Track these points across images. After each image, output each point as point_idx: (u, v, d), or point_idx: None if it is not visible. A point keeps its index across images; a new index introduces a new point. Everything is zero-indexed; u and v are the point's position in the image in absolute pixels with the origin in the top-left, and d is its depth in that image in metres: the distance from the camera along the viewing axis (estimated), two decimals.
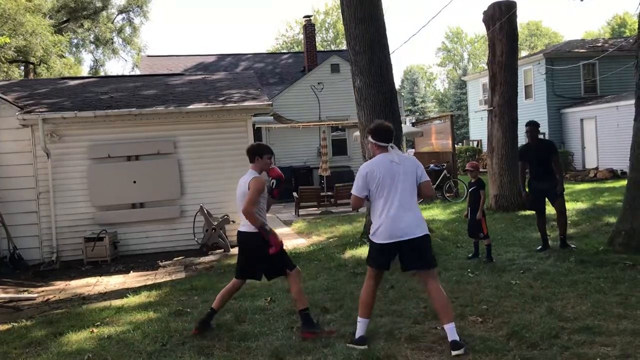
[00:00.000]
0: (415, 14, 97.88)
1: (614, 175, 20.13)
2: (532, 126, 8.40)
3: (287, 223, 13.83)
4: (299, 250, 9.78)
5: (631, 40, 24.40)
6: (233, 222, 10.40)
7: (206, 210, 10.22)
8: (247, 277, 5.50)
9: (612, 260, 7.17)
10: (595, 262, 7.15)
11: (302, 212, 15.18)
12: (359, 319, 4.80)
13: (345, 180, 17.02)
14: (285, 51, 46.80)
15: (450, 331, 4.51)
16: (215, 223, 10.18)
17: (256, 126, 18.04)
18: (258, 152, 5.45)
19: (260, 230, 5.13)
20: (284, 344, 4.91)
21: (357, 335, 4.77)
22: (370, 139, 4.83)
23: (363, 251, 8.95)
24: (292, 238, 11.49)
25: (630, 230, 7.66)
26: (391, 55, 10.19)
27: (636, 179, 7.85)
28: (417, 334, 4.97)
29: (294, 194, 15.91)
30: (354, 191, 4.75)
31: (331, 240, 10.75)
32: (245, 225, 5.24)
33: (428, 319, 5.37)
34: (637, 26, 8.04)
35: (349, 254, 8.97)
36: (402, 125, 18.13)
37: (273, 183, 5.62)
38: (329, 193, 15.81)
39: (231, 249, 10.18)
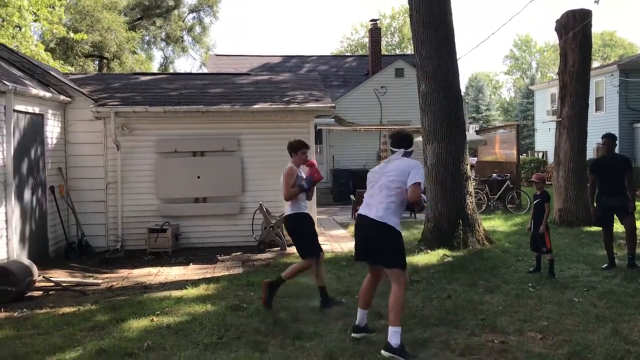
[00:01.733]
0: (483, 19, 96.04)
1: None
2: (610, 139, 8.09)
3: (344, 225, 13.84)
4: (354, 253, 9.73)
5: None
6: None
7: (265, 208, 10.37)
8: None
9: None
10: None
11: None
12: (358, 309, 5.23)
13: None
14: (349, 54, 46.88)
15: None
16: (274, 221, 10.30)
17: (317, 127, 18.15)
18: (292, 149, 6.41)
19: (302, 190, 6.19)
20: (338, 345, 4.93)
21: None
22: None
23: (420, 259, 8.86)
24: (348, 240, 11.46)
25: None
26: (459, 61, 10.06)
27: None
28: (473, 346, 4.88)
29: (352, 196, 15.91)
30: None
31: None
32: (286, 208, 6.36)
33: (485, 332, 5.26)
34: None
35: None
36: (466, 132, 17.90)
37: (302, 184, 6.23)
38: None
39: (287, 248, 10.28)
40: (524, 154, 32.48)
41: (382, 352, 4.60)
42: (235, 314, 6.05)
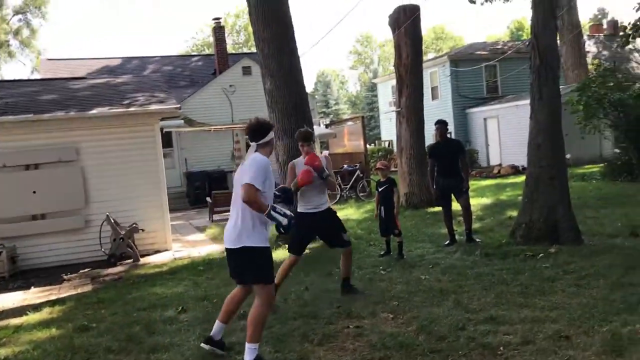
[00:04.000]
0: (327, 18, 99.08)
1: (516, 171, 21.19)
2: (441, 125, 8.72)
3: (201, 229, 13.55)
4: (212, 256, 9.58)
5: (527, 43, 25.88)
6: (142, 230, 10.05)
7: (113, 219, 9.80)
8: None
9: (513, 252, 7.52)
10: (498, 255, 7.48)
11: (216, 217, 14.91)
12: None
13: None
14: (195, 53, 45.92)
15: (247, 351, 4.35)
16: (123, 232, 9.78)
17: (165, 130, 17.55)
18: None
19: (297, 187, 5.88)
20: (195, 353, 4.79)
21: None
22: None
23: (278, 254, 8.84)
24: (206, 244, 11.26)
25: (530, 223, 8.08)
26: (303, 58, 10.28)
27: (533, 174, 8.29)
28: (331, 334, 4.99)
29: (208, 199, 15.63)
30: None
31: None
32: None
33: (341, 319, 5.41)
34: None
35: None
36: (316, 127, 18.27)
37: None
38: None
39: (141, 259, 9.82)
40: (372, 144, 34.12)
41: None
42: (84, 335, 5.65)
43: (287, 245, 9.27)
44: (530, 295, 5.57)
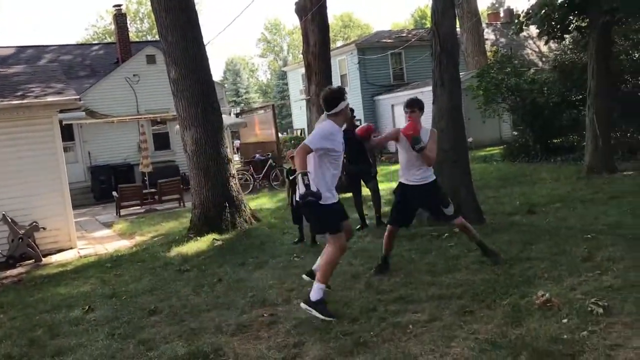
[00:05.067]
0: (233, 4, 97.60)
1: None
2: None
3: (108, 225, 13.03)
4: (120, 252, 9.25)
5: (429, 31, 26.73)
6: (43, 229, 9.52)
7: (10, 218, 9.22)
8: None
9: (421, 233, 7.76)
10: (407, 236, 7.67)
11: (123, 212, 14.40)
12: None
13: (169, 176, 16.46)
14: (96, 42, 43.84)
15: (315, 288, 4.87)
16: (22, 232, 9.22)
17: (65, 123, 16.70)
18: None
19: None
20: (104, 353, 4.62)
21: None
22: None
23: (190, 247, 8.75)
24: (114, 240, 10.86)
25: None
26: (210, 46, 10.08)
27: (437, 157, 8.57)
28: (245, 324, 4.96)
29: (114, 193, 15.05)
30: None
31: (156, 239, 10.35)
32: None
33: (255, 308, 5.39)
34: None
35: (175, 251, 8.70)
36: (226, 116, 18.00)
37: None
38: (153, 190, 15.20)
39: (43, 259, 9.31)
40: (285, 133, 34.17)
41: (301, 304, 4.88)
42: None
43: (197, 238, 9.24)
44: (437, 274, 5.78)
